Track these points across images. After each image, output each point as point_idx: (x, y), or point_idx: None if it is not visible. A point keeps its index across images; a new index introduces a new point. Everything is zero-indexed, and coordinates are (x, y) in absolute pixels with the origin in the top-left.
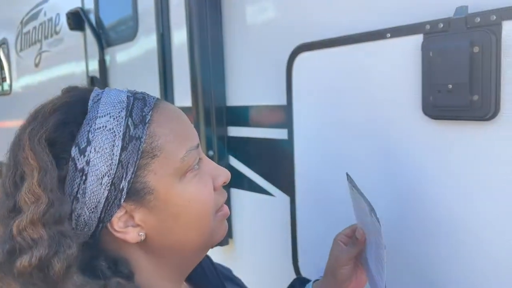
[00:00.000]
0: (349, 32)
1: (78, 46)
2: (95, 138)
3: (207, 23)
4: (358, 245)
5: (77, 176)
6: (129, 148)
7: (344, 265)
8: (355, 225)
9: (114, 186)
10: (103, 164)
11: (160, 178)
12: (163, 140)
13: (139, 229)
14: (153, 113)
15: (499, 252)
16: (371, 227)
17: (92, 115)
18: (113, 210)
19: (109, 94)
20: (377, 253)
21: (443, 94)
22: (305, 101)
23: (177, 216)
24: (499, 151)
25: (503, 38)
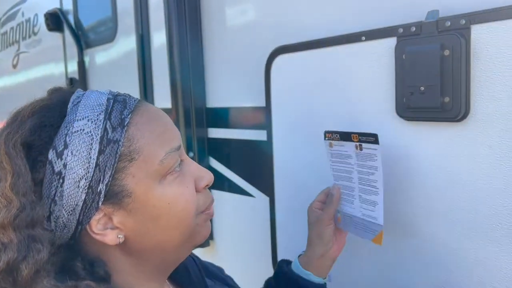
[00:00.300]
0: (326, 35)
1: (57, 47)
2: (72, 141)
3: (186, 25)
4: (335, 201)
5: (54, 179)
6: (107, 152)
7: (327, 225)
8: (326, 189)
9: (92, 189)
10: (80, 168)
11: (138, 181)
12: (142, 142)
13: (118, 231)
14: (133, 116)
15: (466, 246)
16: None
17: (71, 118)
18: (91, 213)
19: (89, 96)
20: (365, 193)
21: (415, 96)
22: (283, 102)
23: (156, 219)
24: (469, 151)
25: (473, 42)
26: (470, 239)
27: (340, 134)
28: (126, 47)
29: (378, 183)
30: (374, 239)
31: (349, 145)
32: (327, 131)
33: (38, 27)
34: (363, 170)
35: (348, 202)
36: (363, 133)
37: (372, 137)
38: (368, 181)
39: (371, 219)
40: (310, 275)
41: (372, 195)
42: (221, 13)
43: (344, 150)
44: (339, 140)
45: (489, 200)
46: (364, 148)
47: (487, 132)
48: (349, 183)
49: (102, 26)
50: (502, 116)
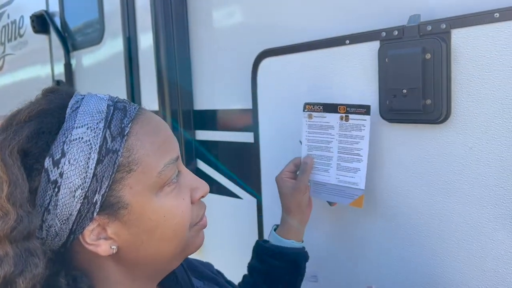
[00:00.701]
0: (311, 39)
1: (43, 49)
2: (70, 150)
3: (173, 27)
4: (309, 170)
5: (49, 188)
6: (105, 162)
7: (304, 193)
8: (295, 159)
9: (87, 199)
10: (77, 177)
11: (135, 192)
12: (141, 153)
13: (111, 242)
14: (133, 125)
15: (448, 244)
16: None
17: (69, 125)
18: (85, 223)
19: (89, 102)
20: (346, 161)
21: (398, 98)
22: (270, 104)
23: (151, 231)
24: (450, 152)
25: (453, 46)
26: (452, 239)
27: (324, 105)
28: (113, 49)
29: (362, 151)
30: (353, 203)
31: (332, 116)
32: (307, 102)
33: (24, 29)
34: (346, 139)
35: (321, 170)
36: (352, 105)
37: (363, 108)
38: (350, 150)
39: (350, 184)
40: (293, 242)
41: (354, 162)
42: (208, 16)
43: (325, 121)
44: (321, 111)
45: (469, 199)
46: (350, 119)
47: (468, 134)
48: (326, 153)
49: (89, 28)
50: (482, 118)
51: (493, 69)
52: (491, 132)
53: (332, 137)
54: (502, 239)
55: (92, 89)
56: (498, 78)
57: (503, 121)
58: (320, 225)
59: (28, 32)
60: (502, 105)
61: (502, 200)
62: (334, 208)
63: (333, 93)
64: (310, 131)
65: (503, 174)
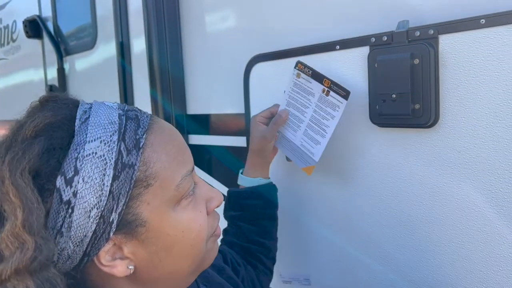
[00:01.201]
0: (302, 44)
1: (36, 54)
2: (84, 166)
3: (165, 32)
4: (280, 123)
5: (62, 209)
6: (121, 177)
7: (270, 141)
8: (273, 107)
9: (103, 218)
10: (92, 196)
11: (153, 208)
12: (158, 166)
13: (128, 262)
14: (148, 136)
15: (438, 247)
16: (310, 106)
17: (80, 139)
18: (100, 244)
19: (98, 112)
20: (313, 130)
21: (387, 103)
22: (262, 109)
23: (169, 248)
24: (439, 156)
25: (441, 51)
26: (442, 243)
27: (313, 71)
28: (106, 54)
29: (328, 129)
30: (305, 169)
31: (316, 85)
32: (300, 61)
33: (16, 33)
34: (320, 112)
35: (292, 128)
36: (336, 83)
37: (344, 92)
38: (320, 122)
39: (309, 152)
40: (261, 179)
41: (318, 136)
42: (201, 21)
43: (309, 87)
44: (309, 76)
45: (458, 202)
46: (330, 96)
47: (456, 138)
48: (300, 115)
49: (82, 33)
50: (470, 122)
51: (479, 74)
52: (479, 136)
53: (310, 104)
54: (490, 242)
55: (85, 94)
56: (485, 83)
57: (490, 125)
58: (315, 228)
59: (21, 37)
60: (489, 110)
61: (490, 203)
62: (331, 213)
63: None
64: (294, 89)
65: (491, 178)
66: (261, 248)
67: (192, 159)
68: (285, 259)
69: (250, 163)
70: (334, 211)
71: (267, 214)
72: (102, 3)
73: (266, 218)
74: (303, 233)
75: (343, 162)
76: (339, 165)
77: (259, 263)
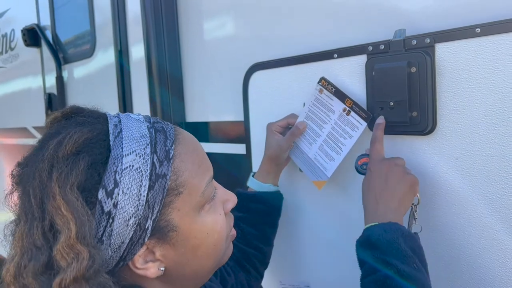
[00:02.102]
0: (300, 52)
1: (35, 62)
2: (123, 179)
3: (164, 40)
4: (297, 135)
5: (103, 219)
6: (156, 187)
7: (285, 150)
8: (290, 118)
9: (140, 226)
10: (130, 206)
11: (183, 214)
12: (186, 175)
13: (159, 264)
14: (176, 147)
15: (436, 253)
16: (330, 124)
17: (117, 153)
18: (136, 249)
19: (129, 126)
20: (329, 146)
21: (385, 110)
22: (261, 117)
23: (196, 249)
24: (437, 163)
25: (437, 59)
26: (440, 249)
27: (336, 89)
28: (105, 62)
29: (345, 148)
30: (316, 182)
31: (338, 103)
32: (324, 78)
33: (15, 42)
34: (338, 130)
35: (307, 141)
36: (358, 105)
37: (365, 114)
38: (337, 140)
39: (321, 167)
40: (271, 186)
41: (334, 152)
42: (199, 29)
43: (331, 104)
44: (332, 93)
45: (456, 209)
46: (351, 116)
47: (453, 145)
48: (318, 129)
49: (80, 41)
50: (467, 129)
51: (475, 81)
52: (476, 143)
53: (329, 120)
54: (488, 248)
55: (84, 102)
56: (481, 91)
57: (487, 132)
58: (315, 235)
59: (19, 45)
60: (485, 117)
61: (488, 209)
62: (331, 220)
63: None
64: (315, 103)
65: (488, 184)
66: (258, 253)
67: (211, 166)
68: (285, 266)
69: (263, 169)
70: (334, 218)
71: (269, 221)
72: (100, 11)
73: (268, 224)
74: (303, 240)
75: (342, 169)
76: (339, 173)
77: (252, 269)
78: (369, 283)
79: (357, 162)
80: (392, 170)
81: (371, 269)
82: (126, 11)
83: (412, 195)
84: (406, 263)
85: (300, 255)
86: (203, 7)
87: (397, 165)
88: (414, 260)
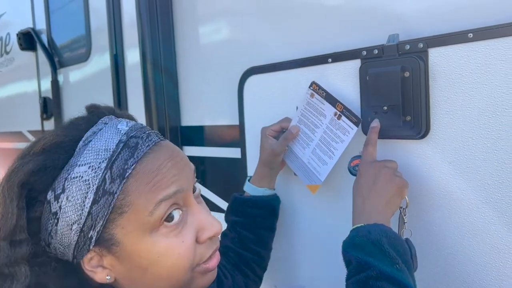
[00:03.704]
0: (295, 57)
1: (30, 66)
2: (70, 187)
3: (159, 44)
4: (290, 139)
5: (51, 218)
6: (101, 202)
7: (279, 154)
8: (283, 122)
9: (83, 233)
10: (73, 213)
11: (126, 232)
12: (134, 195)
13: (108, 272)
14: (137, 165)
15: (427, 258)
16: (321, 127)
17: (74, 162)
18: (83, 252)
19: (102, 136)
20: (321, 151)
21: (379, 115)
22: (256, 120)
23: (144, 268)
24: (430, 167)
25: (430, 64)
26: (433, 253)
27: (327, 94)
28: (101, 67)
29: (337, 152)
30: (310, 186)
31: (329, 107)
32: (314, 82)
33: (10, 46)
34: (330, 134)
35: (301, 145)
36: (349, 109)
37: (355, 118)
38: (329, 144)
39: (315, 171)
40: (267, 190)
41: (326, 156)
42: (195, 33)
43: (322, 108)
44: (323, 97)
45: (450, 213)
46: (342, 120)
47: (447, 149)
48: (311, 133)
49: (76, 45)
50: (460, 133)
51: (468, 86)
52: (469, 148)
53: (321, 124)
54: (482, 252)
55: (79, 106)
56: (473, 95)
57: (480, 136)
58: (311, 240)
59: (15, 49)
60: (478, 121)
61: (482, 213)
62: (326, 223)
63: None
64: (306, 107)
65: (482, 188)
66: (255, 257)
67: (185, 183)
68: (281, 270)
69: (258, 173)
70: (328, 221)
71: (267, 224)
72: (96, 15)
73: (265, 228)
74: (298, 243)
75: (336, 173)
76: (334, 176)
77: (250, 272)
78: (352, 284)
79: (350, 164)
80: (380, 171)
81: (355, 270)
82: (122, 16)
83: (400, 198)
84: (389, 264)
85: (296, 259)
86: (198, 12)
87: (387, 167)
88: (397, 261)
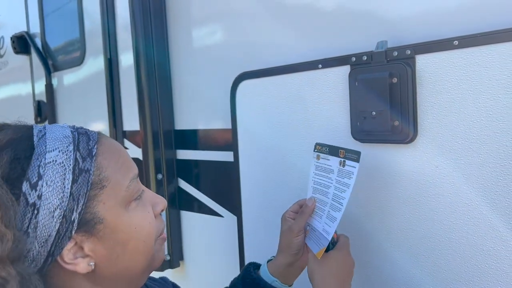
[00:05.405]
0: (286, 62)
1: (24, 69)
2: (46, 172)
3: (153, 48)
4: (307, 213)
5: (28, 211)
6: (79, 181)
7: (297, 235)
8: (301, 200)
9: (66, 218)
10: (55, 197)
11: (108, 207)
12: (110, 171)
13: (89, 259)
14: (98, 146)
15: (417, 260)
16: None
17: (41, 150)
18: (63, 243)
19: (53, 129)
20: (333, 209)
21: (368, 120)
22: (248, 125)
23: (125, 243)
24: (418, 170)
25: (418, 71)
26: (422, 255)
27: (330, 148)
28: (95, 70)
29: (344, 201)
30: (318, 253)
31: (334, 159)
32: (318, 143)
33: (4, 49)
34: (339, 186)
35: (318, 216)
36: (348, 150)
37: (355, 155)
38: (339, 197)
39: (324, 233)
40: (277, 282)
41: (336, 212)
42: (188, 38)
43: (329, 164)
44: (327, 153)
45: (437, 216)
46: (346, 165)
47: (434, 153)
48: (325, 198)
49: (70, 49)
50: (446, 138)
51: (454, 92)
52: (455, 152)
53: (331, 182)
54: (470, 256)
55: (73, 110)
56: (459, 101)
57: (465, 141)
58: None
59: (9, 52)
60: (464, 126)
61: (467, 216)
62: None
63: (308, 115)
64: (316, 172)
65: (468, 191)
66: None
67: (136, 167)
68: None
69: (276, 259)
70: None
71: None
72: (90, 19)
73: None
74: None
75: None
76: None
77: None
78: None
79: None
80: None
81: None
82: (116, 19)
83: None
84: None
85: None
86: (192, 16)
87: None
88: None
